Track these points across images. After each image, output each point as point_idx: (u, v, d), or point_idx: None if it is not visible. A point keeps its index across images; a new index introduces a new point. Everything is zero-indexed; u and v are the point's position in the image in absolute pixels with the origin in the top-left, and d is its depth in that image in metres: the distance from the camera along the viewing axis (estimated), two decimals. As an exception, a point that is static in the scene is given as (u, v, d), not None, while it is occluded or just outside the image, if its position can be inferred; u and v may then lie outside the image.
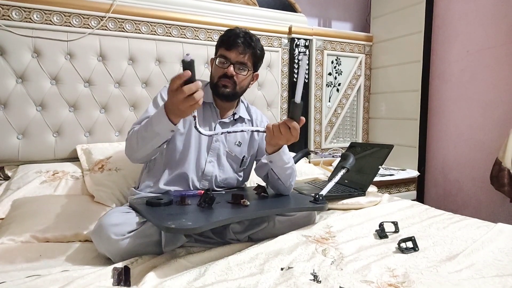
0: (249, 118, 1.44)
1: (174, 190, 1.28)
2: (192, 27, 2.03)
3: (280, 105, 2.38)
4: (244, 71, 1.30)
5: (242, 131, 1.27)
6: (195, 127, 1.05)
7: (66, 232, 1.20)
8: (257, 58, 1.34)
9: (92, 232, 1.07)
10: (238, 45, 1.27)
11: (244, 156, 1.40)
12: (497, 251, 1.08)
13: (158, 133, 1.09)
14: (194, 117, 1.03)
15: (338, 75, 2.60)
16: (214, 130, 1.34)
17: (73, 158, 1.77)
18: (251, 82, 1.38)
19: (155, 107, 1.30)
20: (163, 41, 1.95)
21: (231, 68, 1.28)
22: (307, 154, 2.40)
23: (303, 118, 1.14)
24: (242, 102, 1.46)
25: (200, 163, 1.32)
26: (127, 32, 1.86)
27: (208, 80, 1.40)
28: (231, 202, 1.17)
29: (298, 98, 1.07)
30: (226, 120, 1.38)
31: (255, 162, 1.47)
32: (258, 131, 1.26)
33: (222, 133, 1.22)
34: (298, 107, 1.09)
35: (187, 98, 0.95)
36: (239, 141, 1.39)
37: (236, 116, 1.39)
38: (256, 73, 1.38)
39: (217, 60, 1.30)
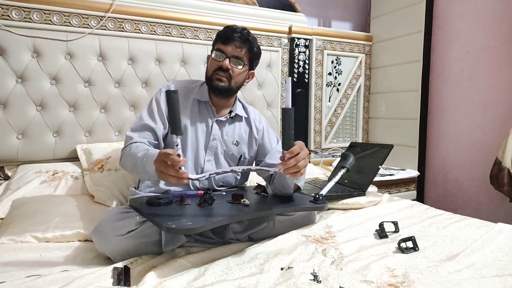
0: (246, 116, 1.43)
1: (174, 190, 1.28)
2: (192, 27, 2.03)
3: (280, 105, 2.38)
4: (240, 66, 1.30)
5: (250, 169, 1.18)
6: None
7: (66, 232, 1.20)
8: (253, 55, 1.33)
9: (92, 231, 1.07)
10: (235, 39, 1.27)
11: (241, 156, 1.39)
12: (497, 251, 1.08)
13: (148, 172, 1.09)
14: (179, 155, 0.98)
15: (338, 75, 2.60)
16: (211, 129, 1.34)
17: (73, 158, 1.76)
18: (247, 80, 1.38)
19: (149, 113, 1.30)
20: (163, 41, 1.95)
21: (227, 61, 1.27)
22: (307, 154, 2.40)
23: (294, 149, 1.02)
24: (240, 101, 1.45)
25: (199, 162, 1.32)
26: (126, 32, 1.86)
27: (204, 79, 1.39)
28: (231, 202, 1.16)
29: (289, 103, 1.01)
30: (223, 118, 1.37)
31: (254, 162, 1.47)
32: (269, 171, 1.11)
33: (210, 175, 1.10)
34: (290, 115, 1.01)
35: (162, 173, 0.97)
36: (236, 141, 1.39)
37: (233, 114, 1.38)
38: (252, 71, 1.38)
39: (213, 54, 1.30)
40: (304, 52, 2.41)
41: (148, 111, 1.31)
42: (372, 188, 1.76)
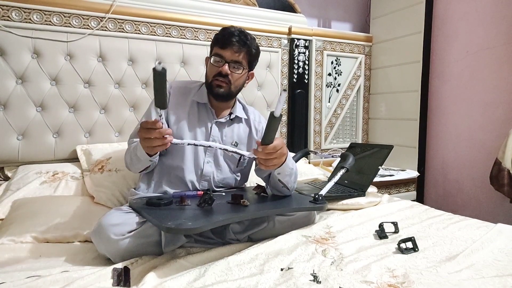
0: (246, 118, 1.43)
1: (173, 191, 1.28)
2: (191, 27, 2.03)
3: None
4: (239, 70, 1.30)
5: (226, 150, 1.18)
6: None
7: (66, 232, 1.20)
8: (252, 57, 1.33)
9: (92, 232, 1.07)
10: (233, 44, 1.26)
11: (241, 156, 1.39)
12: (497, 252, 1.08)
13: (140, 159, 1.18)
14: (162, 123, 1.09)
15: (338, 75, 2.60)
16: (210, 131, 1.34)
17: (73, 158, 1.77)
18: (247, 81, 1.38)
19: (146, 116, 1.35)
20: (162, 41, 1.95)
21: (226, 66, 1.27)
22: (306, 154, 2.40)
23: (271, 146, 1.07)
24: (240, 102, 1.45)
25: (198, 164, 1.32)
26: (126, 32, 1.87)
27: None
28: (231, 202, 1.16)
29: (278, 112, 1.03)
30: (222, 120, 1.37)
31: (254, 162, 1.47)
32: (243, 155, 1.17)
33: (194, 144, 1.14)
34: (275, 122, 1.06)
35: (147, 139, 1.03)
36: (235, 141, 1.39)
37: (233, 116, 1.39)
38: (251, 71, 1.38)
39: (212, 59, 1.30)
40: (304, 53, 2.41)
41: (146, 115, 1.35)
42: (372, 189, 1.76)
